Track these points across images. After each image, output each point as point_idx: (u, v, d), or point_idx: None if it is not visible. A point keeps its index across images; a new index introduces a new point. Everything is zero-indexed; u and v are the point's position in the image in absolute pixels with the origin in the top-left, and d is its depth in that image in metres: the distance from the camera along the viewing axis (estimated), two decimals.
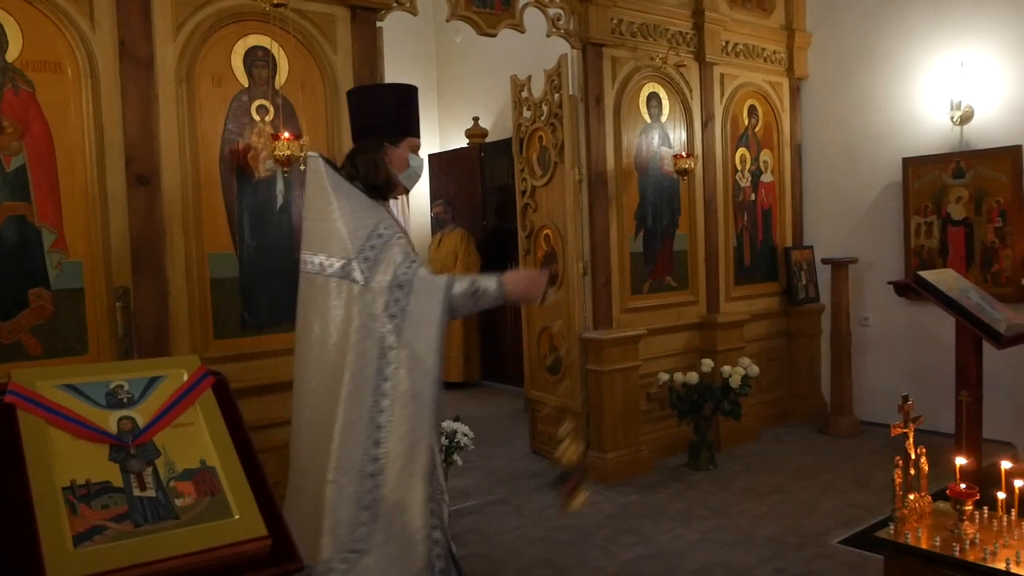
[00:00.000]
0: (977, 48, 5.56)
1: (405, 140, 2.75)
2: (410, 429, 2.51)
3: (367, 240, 2.54)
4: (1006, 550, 2.62)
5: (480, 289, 2.59)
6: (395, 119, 2.75)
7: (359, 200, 2.61)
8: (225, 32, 3.82)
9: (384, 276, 2.52)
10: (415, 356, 2.51)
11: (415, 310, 2.51)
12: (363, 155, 2.71)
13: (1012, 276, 5.41)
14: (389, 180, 2.73)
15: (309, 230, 2.66)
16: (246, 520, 2.08)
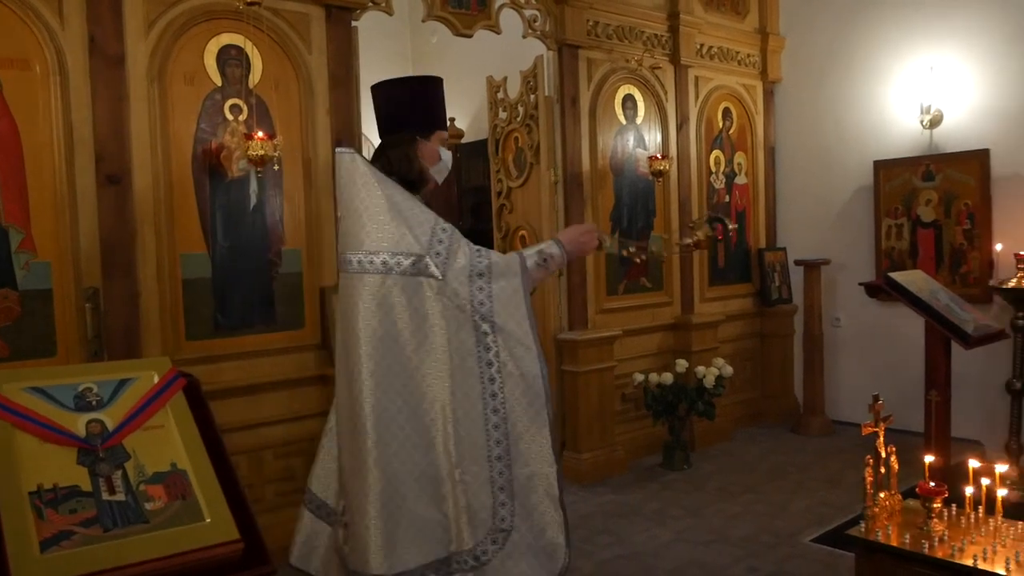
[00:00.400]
0: (946, 53, 5.65)
1: (435, 133, 2.72)
2: (527, 405, 2.50)
3: (433, 235, 2.50)
4: (973, 547, 2.66)
5: (547, 255, 2.61)
6: (425, 112, 2.72)
7: (407, 196, 2.54)
8: (198, 30, 3.78)
9: (461, 269, 2.48)
10: (512, 336, 2.49)
11: (500, 294, 2.50)
12: (396, 149, 2.67)
13: (980, 277, 5.50)
14: (422, 174, 2.69)
15: (357, 229, 2.49)
16: (217, 524, 2.05)
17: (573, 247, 2.66)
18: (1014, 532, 2.76)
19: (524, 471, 2.49)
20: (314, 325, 4.14)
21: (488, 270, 2.49)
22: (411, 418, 2.44)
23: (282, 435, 4.03)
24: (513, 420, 2.49)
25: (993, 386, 5.25)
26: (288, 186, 4.06)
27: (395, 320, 2.44)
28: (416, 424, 2.44)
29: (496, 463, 2.48)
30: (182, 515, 2.03)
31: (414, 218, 2.50)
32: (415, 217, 2.50)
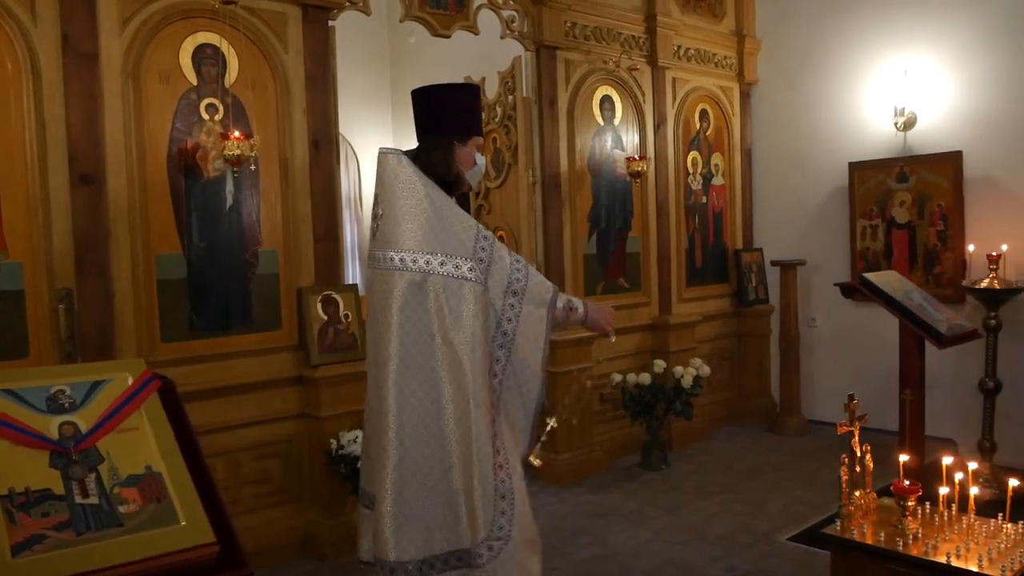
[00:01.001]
0: (920, 56, 5.72)
1: (472, 139, 2.79)
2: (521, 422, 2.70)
3: (476, 242, 2.59)
4: (947, 544, 2.70)
5: (573, 308, 2.76)
6: (464, 118, 2.79)
7: (447, 198, 2.64)
8: (173, 29, 3.75)
9: (499, 280, 2.60)
10: (525, 361, 2.65)
11: (527, 317, 2.63)
12: (435, 153, 2.72)
13: (953, 278, 5.57)
14: (458, 177, 2.75)
15: (399, 228, 2.56)
16: (193, 526, 2.03)
17: (595, 317, 2.82)
18: (986, 529, 2.80)
19: (519, 484, 2.62)
20: (291, 326, 4.11)
21: (523, 291, 2.62)
22: (430, 417, 2.53)
23: (259, 437, 4.00)
24: (507, 434, 2.65)
25: (966, 385, 5.32)
26: (265, 186, 4.03)
27: (429, 320, 2.52)
28: (434, 423, 2.53)
29: (499, 471, 2.58)
30: (157, 518, 2.01)
31: (458, 223, 2.59)
32: (459, 222, 2.59)
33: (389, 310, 2.54)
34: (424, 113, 2.81)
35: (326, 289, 4.19)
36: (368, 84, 9.31)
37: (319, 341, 4.10)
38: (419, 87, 2.84)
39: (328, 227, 4.24)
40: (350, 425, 4.06)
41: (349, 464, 3.88)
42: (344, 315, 4.21)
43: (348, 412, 4.11)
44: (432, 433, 2.53)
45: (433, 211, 2.57)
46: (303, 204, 4.14)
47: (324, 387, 4.06)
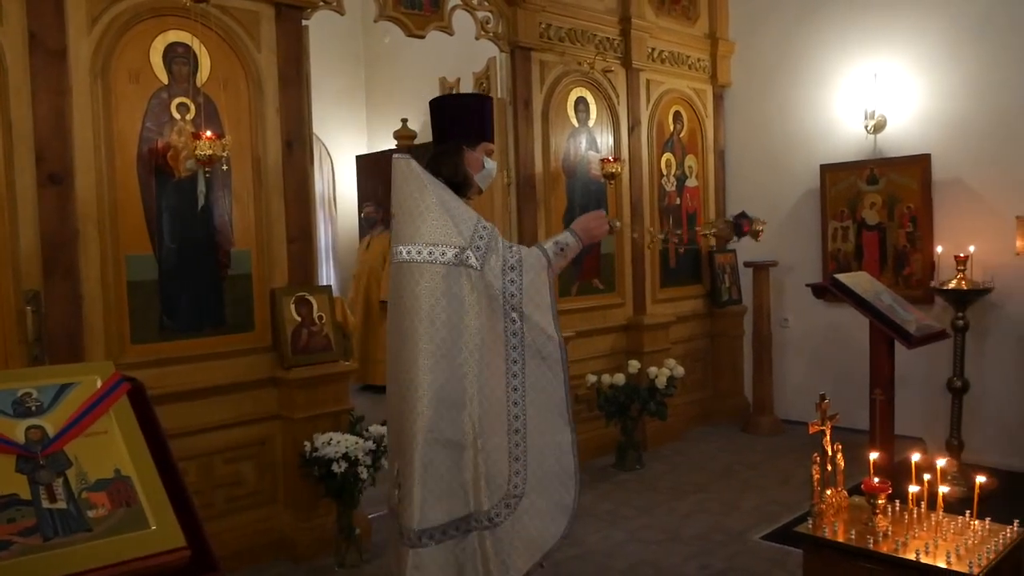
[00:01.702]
0: (890, 60, 5.80)
1: (481, 144, 3.00)
2: (544, 385, 2.83)
3: (475, 232, 2.82)
4: (916, 541, 2.74)
5: (563, 245, 2.89)
6: (473, 125, 3.02)
7: (454, 196, 2.86)
8: (144, 27, 3.70)
9: (496, 263, 2.80)
10: (537, 326, 2.80)
11: (529, 287, 2.80)
12: (445, 157, 2.96)
13: (922, 279, 5.65)
14: (467, 180, 2.97)
15: (410, 225, 2.84)
16: (163, 531, 2.00)
17: (586, 234, 2.92)
18: (954, 526, 2.85)
19: (539, 442, 2.82)
20: (265, 327, 4.08)
21: (519, 264, 2.81)
22: (447, 392, 2.74)
23: (232, 439, 3.96)
24: (531, 398, 2.82)
25: (935, 385, 5.39)
26: (237, 186, 4.00)
27: (437, 304, 2.75)
28: (451, 397, 2.74)
29: (513, 435, 2.81)
30: (126, 523, 1.98)
31: (459, 216, 2.82)
32: (460, 215, 2.83)
33: (404, 299, 2.79)
34: (438, 121, 3.08)
35: (300, 290, 4.16)
36: (342, 84, 9.27)
37: (293, 342, 4.07)
38: (434, 97, 3.16)
39: (302, 228, 4.21)
40: (324, 427, 4.04)
41: (323, 466, 3.86)
42: (318, 316, 4.18)
43: (322, 414, 4.09)
44: (454, 410, 2.74)
45: (437, 206, 2.80)
46: (276, 204, 4.11)
47: (298, 389, 4.03)
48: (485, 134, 3.03)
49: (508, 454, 2.82)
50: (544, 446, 2.84)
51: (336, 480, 3.87)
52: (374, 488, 4.17)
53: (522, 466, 2.83)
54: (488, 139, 3.04)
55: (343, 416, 4.18)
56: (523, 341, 2.82)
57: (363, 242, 8.66)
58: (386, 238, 8.34)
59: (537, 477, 2.83)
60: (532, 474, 2.83)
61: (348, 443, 3.89)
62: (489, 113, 3.12)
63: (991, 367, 5.27)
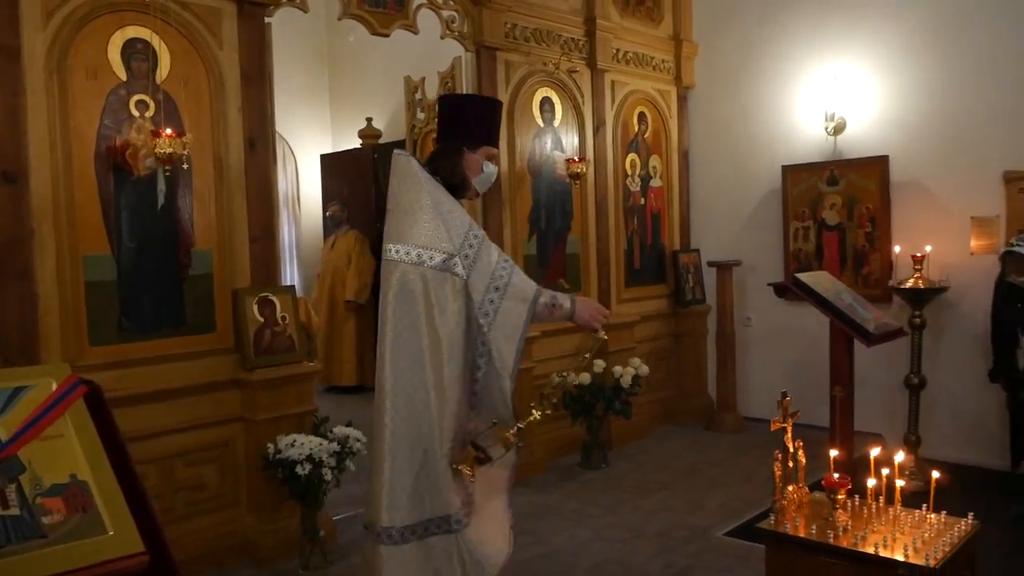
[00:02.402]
0: (849, 63, 5.89)
1: (482, 148, 2.97)
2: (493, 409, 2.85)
3: (465, 239, 2.78)
4: (875, 535, 2.78)
5: (558, 304, 2.85)
6: (476, 128, 2.99)
7: (450, 198, 2.83)
8: (101, 22, 3.63)
9: (483, 276, 2.77)
10: (498, 355, 2.77)
11: (504, 313, 2.76)
12: (444, 157, 2.94)
13: (880, 278, 5.76)
14: (464, 182, 2.93)
15: (404, 224, 2.80)
16: (121, 536, 1.97)
17: (582, 313, 2.89)
18: (911, 520, 2.90)
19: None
20: (227, 328, 4.03)
21: (505, 287, 2.77)
22: (417, 398, 2.74)
23: (193, 442, 3.91)
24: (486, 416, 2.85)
25: (893, 382, 5.49)
26: (198, 185, 3.94)
27: (417, 307, 2.74)
28: (421, 400, 2.74)
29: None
30: (83, 528, 1.94)
31: (452, 220, 2.78)
32: (453, 219, 2.78)
33: (386, 298, 2.77)
34: (443, 119, 3.09)
35: (262, 290, 4.12)
36: (306, 82, 9.19)
37: (255, 343, 4.03)
38: (443, 94, 3.14)
39: (264, 227, 4.17)
40: (288, 429, 4.00)
41: (287, 468, 3.82)
42: (281, 317, 4.14)
43: (286, 415, 4.05)
44: (419, 412, 2.74)
45: (431, 208, 2.77)
46: (238, 203, 4.06)
47: (261, 390, 3.99)
48: (487, 137, 3.00)
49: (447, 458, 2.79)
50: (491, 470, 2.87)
51: (300, 482, 3.83)
52: (339, 490, 4.14)
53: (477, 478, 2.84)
54: (490, 143, 3.01)
55: (307, 417, 4.15)
56: (488, 363, 2.82)
57: (328, 241, 8.59)
58: (352, 237, 8.30)
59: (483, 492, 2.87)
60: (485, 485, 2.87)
61: (312, 445, 3.86)
62: (495, 117, 3.11)
63: (947, 364, 5.38)
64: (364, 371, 8.44)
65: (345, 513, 4.67)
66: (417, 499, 2.77)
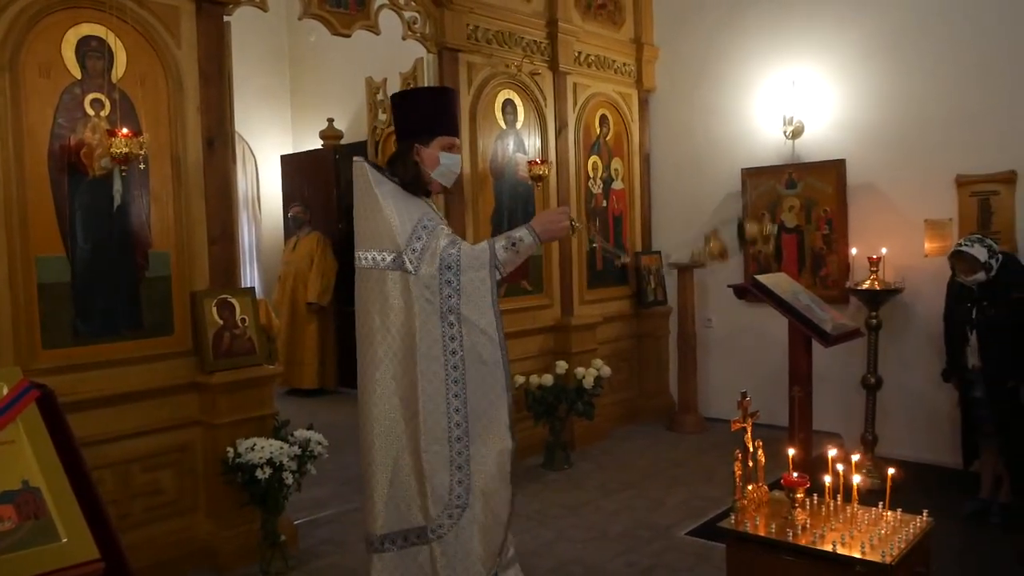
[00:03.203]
0: (807, 68, 6.00)
1: (435, 140, 2.93)
2: (487, 390, 2.81)
3: (413, 233, 2.81)
4: (833, 533, 2.83)
5: (516, 239, 2.82)
6: (425, 121, 2.97)
7: (402, 198, 2.86)
8: (55, 19, 3.55)
9: (432, 264, 2.78)
10: (476, 326, 2.77)
11: (467, 286, 2.77)
12: (398, 157, 2.97)
13: (837, 279, 5.86)
14: (418, 178, 2.93)
15: (361, 229, 2.88)
16: (75, 543, 1.93)
17: (545, 232, 2.86)
18: (868, 517, 2.95)
19: (481, 451, 2.82)
20: (185, 331, 3.96)
21: (457, 263, 2.78)
22: (391, 399, 2.81)
23: (151, 447, 3.84)
24: (472, 403, 2.81)
25: (850, 381, 5.59)
26: (155, 185, 3.87)
27: (380, 309, 2.81)
28: (395, 405, 2.81)
29: (455, 444, 2.81)
30: (35, 536, 1.90)
31: (400, 217, 2.81)
32: (403, 217, 2.82)
33: (357, 304, 2.87)
34: (396, 119, 3.09)
35: (221, 292, 4.06)
36: (266, 82, 9.09)
37: (214, 346, 3.97)
38: (394, 93, 3.15)
39: (224, 228, 4.11)
40: (248, 432, 3.94)
41: (247, 472, 3.77)
42: (241, 319, 4.09)
43: (246, 419, 4.00)
44: (390, 419, 2.81)
45: (381, 210, 2.81)
46: (197, 204, 4.00)
47: (220, 394, 3.93)
48: (439, 128, 2.96)
49: (450, 463, 2.81)
50: (487, 455, 2.84)
51: (260, 486, 3.78)
52: (300, 494, 4.10)
53: (465, 475, 2.83)
54: (444, 133, 2.96)
55: (268, 421, 4.09)
56: (463, 345, 2.79)
57: (289, 243, 8.51)
58: (314, 239, 8.23)
59: (479, 488, 2.83)
60: (475, 484, 2.83)
61: (273, 448, 3.81)
62: (445, 106, 3.05)
63: (903, 364, 5.49)
64: (326, 374, 8.38)
65: (307, 517, 4.63)
66: (393, 508, 2.82)
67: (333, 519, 4.68)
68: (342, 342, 8.52)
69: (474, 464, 2.83)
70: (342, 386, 8.50)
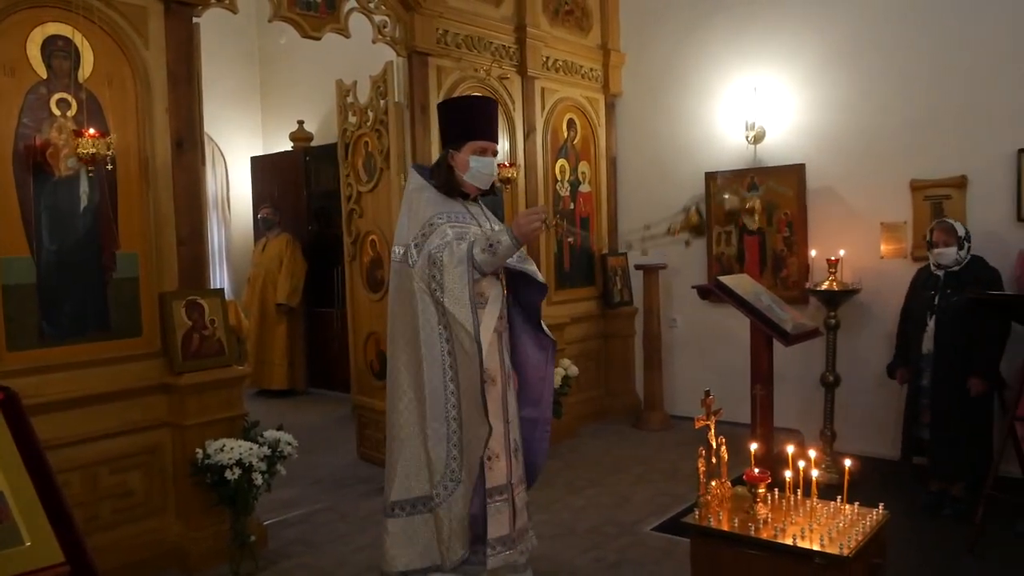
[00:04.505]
0: (768, 74, 6.12)
1: (467, 145, 3.15)
2: (471, 377, 2.98)
3: (420, 229, 3.05)
4: (793, 526, 2.91)
5: (495, 242, 2.98)
6: (456, 127, 3.20)
7: (428, 198, 3.13)
8: (19, 18, 3.53)
9: (424, 259, 3.00)
10: (455, 320, 2.96)
11: (448, 284, 2.96)
12: (436, 164, 3.25)
13: (798, 280, 5.99)
14: (451, 181, 3.17)
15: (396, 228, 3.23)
16: (39, 547, 1.93)
17: (521, 232, 2.98)
18: (827, 511, 3.05)
19: (469, 434, 3.02)
20: (153, 332, 3.95)
21: (440, 261, 2.97)
22: (407, 379, 3.10)
23: (119, 449, 3.82)
24: (463, 388, 3.02)
25: (809, 379, 5.71)
26: (123, 186, 3.86)
27: (398, 299, 3.13)
28: (410, 384, 3.09)
29: (452, 423, 3.06)
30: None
31: (415, 216, 3.09)
32: (417, 215, 3.09)
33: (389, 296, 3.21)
34: (440, 128, 3.41)
35: (190, 293, 4.05)
36: (236, 84, 9.04)
37: (183, 347, 3.97)
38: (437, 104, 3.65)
39: (192, 229, 4.10)
40: (217, 433, 3.94)
41: (216, 473, 3.77)
42: (210, 320, 4.09)
43: (215, 420, 3.99)
44: (409, 396, 3.10)
45: (406, 211, 3.15)
46: (165, 206, 3.99)
47: (189, 395, 3.92)
48: (468, 134, 3.15)
49: (447, 440, 3.06)
50: (473, 438, 3.02)
51: (229, 487, 3.79)
52: (270, 494, 4.11)
53: (459, 452, 3.05)
54: (474, 138, 3.15)
55: (237, 422, 4.09)
56: (452, 334, 3.00)
57: (259, 244, 8.46)
58: (283, 240, 8.20)
59: (467, 469, 3.05)
60: (466, 462, 3.05)
61: (242, 449, 3.82)
62: (477, 113, 3.24)
63: (860, 362, 5.63)
64: (295, 375, 8.36)
65: (276, 518, 4.63)
66: (403, 477, 3.11)
67: (303, 519, 4.68)
68: (312, 343, 8.50)
69: (465, 444, 3.03)
70: (312, 387, 8.48)
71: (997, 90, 5.11)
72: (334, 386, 8.08)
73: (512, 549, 3.19)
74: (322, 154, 8.10)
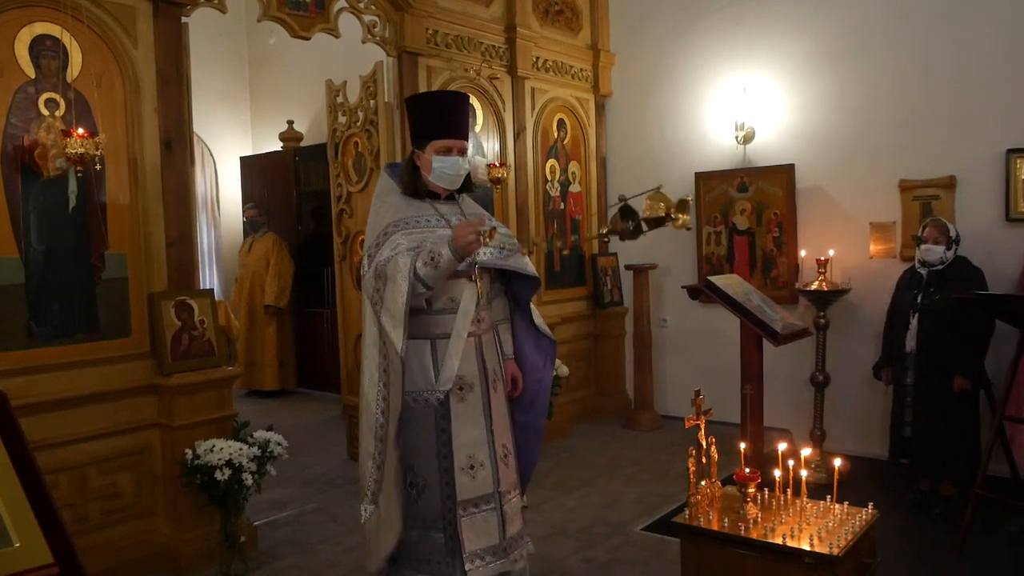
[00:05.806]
0: (758, 75, 6.14)
1: (430, 144, 3.00)
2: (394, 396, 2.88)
3: (375, 239, 2.94)
4: (783, 526, 2.92)
5: (436, 255, 2.78)
6: (419, 126, 3.06)
7: (389, 203, 3.01)
8: (7, 18, 3.51)
9: (371, 270, 2.88)
10: (387, 334, 2.83)
11: (388, 298, 2.80)
12: (404, 162, 3.12)
13: (787, 280, 6.01)
14: (417, 182, 3.03)
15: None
16: (28, 548, 1.92)
17: (459, 247, 2.79)
18: (817, 511, 3.05)
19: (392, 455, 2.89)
20: (142, 333, 3.93)
21: (384, 275, 2.82)
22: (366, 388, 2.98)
23: (108, 450, 3.80)
24: (392, 407, 2.88)
25: (799, 379, 5.75)
26: (112, 187, 3.84)
27: (364, 309, 3.00)
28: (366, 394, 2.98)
29: (379, 444, 2.93)
30: None
31: (374, 224, 2.99)
32: (376, 222, 2.99)
33: None
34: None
35: (179, 294, 4.04)
36: (226, 84, 9.02)
37: (172, 348, 3.95)
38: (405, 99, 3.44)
39: (182, 230, 4.09)
40: (207, 434, 3.93)
41: (206, 474, 3.76)
42: (199, 321, 4.07)
43: (204, 421, 3.98)
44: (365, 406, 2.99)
45: (372, 215, 3.05)
46: (154, 206, 3.97)
47: (178, 395, 3.91)
48: (432, 133, 2.99)
49: (372, 460, 2.95)
50: (395, 460, 2.89)
51: (219, 488, 3.77)
52: (260, 495, 4.09)
53: (381, 474, 2.93)
54: (436, 136, 2.98)
55: (227, 422, 4.08)
56: (387, 348, 2.86)
57: (244, 244, 8.43)
58: (269, 240, 8.18)
59: (385, 494, 2.93)
60: (386, 483, 2.91)
61: (232, 450, 3.80)
62: (437, 109, 3.05)
63: (849, 362, 5.65)
64: (286, 375, 8.33)
65: (266, 518, 4.62)
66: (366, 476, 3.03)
67: (293, 520, 4.67)
68: (302, 343, 8.48)
69: (387, 465, 2.89)
70: (303, 387, 8.46)
71: (986, 91, 5.14)
72: (324, 386, 8.06)
73: (504, 558, 3.03)
74: (312, 154, 8.09)
